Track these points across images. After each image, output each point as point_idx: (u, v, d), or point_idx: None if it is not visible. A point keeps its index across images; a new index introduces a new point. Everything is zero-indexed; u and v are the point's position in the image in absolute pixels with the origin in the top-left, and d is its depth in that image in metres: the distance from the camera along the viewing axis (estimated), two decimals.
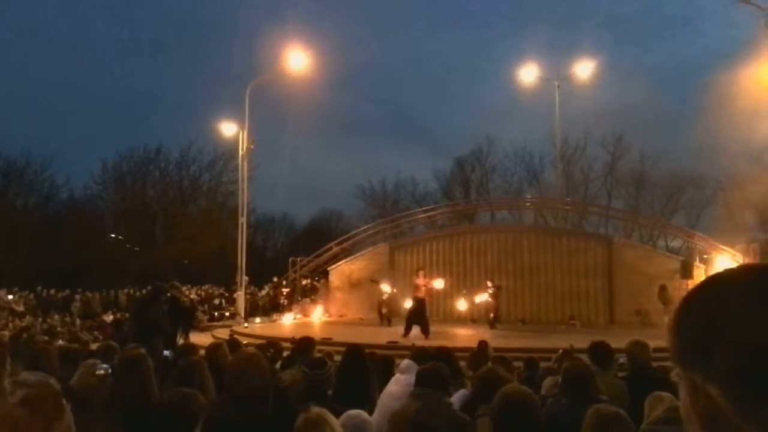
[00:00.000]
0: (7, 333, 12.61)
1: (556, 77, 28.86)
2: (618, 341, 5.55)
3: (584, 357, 5.26)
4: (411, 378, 4.90)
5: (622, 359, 5.22)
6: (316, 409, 2.91)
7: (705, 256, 21.48)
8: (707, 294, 0.75)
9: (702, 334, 0.71)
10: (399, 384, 4.89)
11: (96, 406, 3.48)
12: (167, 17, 67.41)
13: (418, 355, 5.77)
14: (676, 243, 28.08)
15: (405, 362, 5.17)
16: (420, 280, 15.74)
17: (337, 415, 3.08)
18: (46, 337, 11.96)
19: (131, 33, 64.32)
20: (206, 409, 2.88)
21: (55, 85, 57.92)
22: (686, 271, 19.26)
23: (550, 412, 3.52)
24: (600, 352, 4.92)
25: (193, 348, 6.39)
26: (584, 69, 27.82)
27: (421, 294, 15.41)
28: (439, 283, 16.80)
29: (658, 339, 7.44)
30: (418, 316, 15.09)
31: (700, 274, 18.64)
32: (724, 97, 20.68)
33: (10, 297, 21.95)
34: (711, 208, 35.53)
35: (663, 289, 17.76)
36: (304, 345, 6.12)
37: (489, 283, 18.67)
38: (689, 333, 0.74)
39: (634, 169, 39.65)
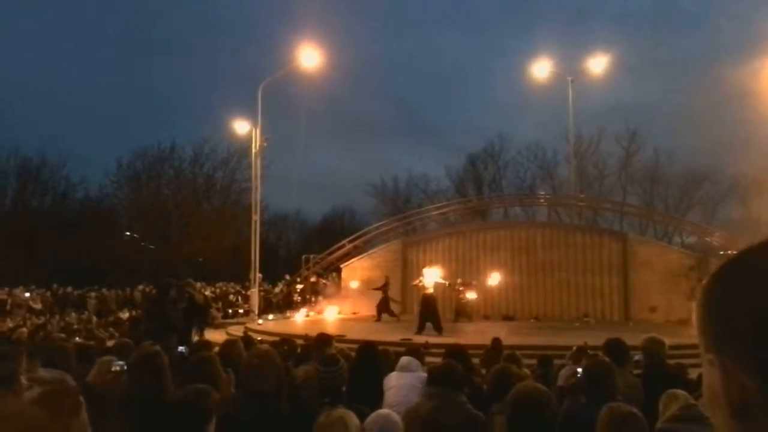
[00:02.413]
0: (25, 330, 12.74)
1: (570, 72, 28.57)
2: (633, 338, 5.50)
3: (599, 354, 5.23)
4: (416, 375, 4.88)
5: (638, 356, 5.17)
6: (340, 410, 2.90)
7: (721, 253, 21.25)
8: (739, 272, 0.68)
9: (735, 318, 0.66)
10: (404, 380, 4.86)
11: (112, 403, 3.52)
12: (180, 16, 67.82)
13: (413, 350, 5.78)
14: (691, 239, 27.81)
15: (404, 359, 5.15)
16: (416, 280, 15.92)
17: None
18: (63, 335, 12.08)
19: (145, 32, 64.75)
20: (221, 406, 2.89)
21: (70, 84, 58.63)
22: (702, 268, 19.06)
23: (569, 411, 3.50)
24: (615, 349, 4.88)
25: (207, 345, 6.44)
26: (598, 64, 27.47)
27: (429, 291, 15.39)
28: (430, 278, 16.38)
29: (675, 336, 7.39)
30: (429, 312, 15.07)
31: None
32: (739, 92, 20.43)
33: (27, 295, 22.22)
34: (727, 204, 35.17)
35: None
36: (320, 342, 6.13)
37: (459, 280, 19.36)
38: (722, 316, 0.68)
39: (649, 164, 39.37)
